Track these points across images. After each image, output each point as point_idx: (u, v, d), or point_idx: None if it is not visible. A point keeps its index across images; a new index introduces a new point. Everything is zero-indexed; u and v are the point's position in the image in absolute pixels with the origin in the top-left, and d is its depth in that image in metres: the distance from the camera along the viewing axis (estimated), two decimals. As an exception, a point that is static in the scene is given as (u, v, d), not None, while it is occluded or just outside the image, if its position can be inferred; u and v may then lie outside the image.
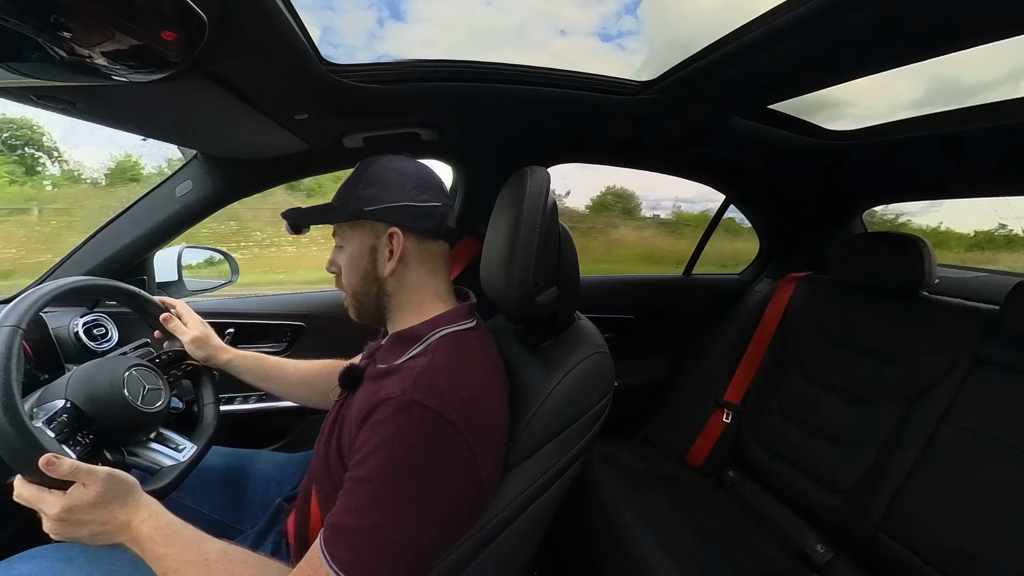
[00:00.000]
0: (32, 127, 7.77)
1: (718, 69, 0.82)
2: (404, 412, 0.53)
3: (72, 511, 0.53)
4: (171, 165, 1.22)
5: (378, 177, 0.67)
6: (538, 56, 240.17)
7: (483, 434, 0.58)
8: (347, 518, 0.51)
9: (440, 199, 0.69)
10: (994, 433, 0.91)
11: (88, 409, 0.66)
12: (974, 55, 0.69)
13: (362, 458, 0.54)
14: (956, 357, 1.02)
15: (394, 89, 0.87)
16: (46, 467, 0.52)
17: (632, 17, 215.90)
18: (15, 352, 0.56)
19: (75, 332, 0.97)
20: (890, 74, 0.76)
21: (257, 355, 0.94)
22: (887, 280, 1.20)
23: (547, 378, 0.69)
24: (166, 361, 0.87)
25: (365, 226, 0.67)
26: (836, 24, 0.63)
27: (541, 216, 0.64)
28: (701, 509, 1.22)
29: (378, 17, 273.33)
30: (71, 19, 0.41)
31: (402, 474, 0.51)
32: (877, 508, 1.00)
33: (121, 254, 1.07)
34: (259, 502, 0.87)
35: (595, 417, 0.71)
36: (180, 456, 0.75)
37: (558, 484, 0.69)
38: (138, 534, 0.54)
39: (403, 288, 0.69)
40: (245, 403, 1.25)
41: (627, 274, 1.80)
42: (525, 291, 0.65)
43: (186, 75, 0.56)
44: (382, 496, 0.51)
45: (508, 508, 0.64)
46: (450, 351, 0.62)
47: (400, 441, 0.52)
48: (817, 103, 1.01)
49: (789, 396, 1.32)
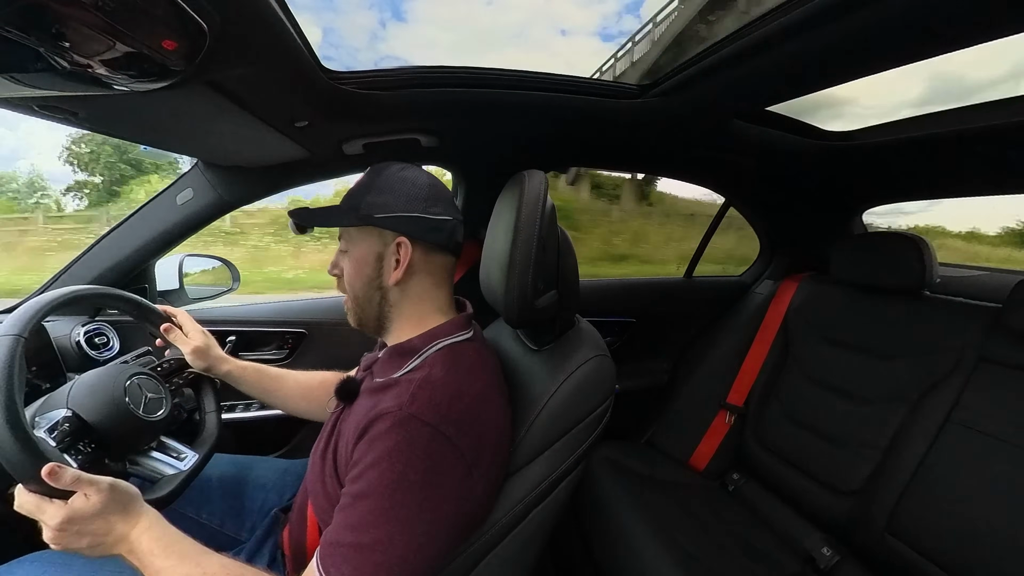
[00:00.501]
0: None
1: (716, 71, 0.82)
2: (402, 427, 0.53)
3: (72, 521, 0.52)
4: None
5: (390, 185, 0.67)
6: (539, 56, 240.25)
7: (480, 448, 0.58)
8: (344, 534, 0.51)
9: (451, 213, 0.69)
10: (1000, 431, 0.91)
11: (90, 418, 0.66)
12: (975, 56, 0.69)
13: (360, 473, 0.53)
14: (959, 356, 1.01)
15: (393, 96, 0.87)
16: (49, 477, 0.51)
17: (633, 17, 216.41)
18: (16, 361, 0.56)
19: (76, 341, 0.97)
20: (891, 75, 0.77)
21: (257, 367, 0.94)
22: (888, 280, 1.19)
23: (548, 382, 0.69)
24: (168, 370, 0.87)
25: (373, 233, 0.67)
26: (834, 25, 0.63)
27: (539, 219, 0.64)
28: (706, 513, 1.21)
29: (380, 18, 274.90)
30: (73, 30, 0.41)
31: (400, 490, 0.51)
32: (883, 510, 0.99)
33: (123, 263, 1.07)
34: (258, 511, 0.87)
35: (597, 420, 0.71)
36: (182, 465, 0.75)
37: (561, 488, 0.69)
38: (136, 546, 0.54)
39: (406, 298, 0.68)
40: (247, 411, 1.25)
41: (627, 277, 1.80)
42: (524, 295, 0.65)
43: (187, 84, 0.57)
44: (379, 512, 0.51)
45: (511, 513, 0.64)
46: (447, 364, 0.62)
47: (398, 456, 0.52)
48: (817, 103, 1.01)
49: (792, 398, 1.32)
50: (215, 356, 0.88)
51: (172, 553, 0.54)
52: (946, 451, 0.96)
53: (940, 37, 0.65)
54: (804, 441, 1.22)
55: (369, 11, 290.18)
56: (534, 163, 0.74)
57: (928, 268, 1.12)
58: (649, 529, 1.07)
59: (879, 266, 1.21)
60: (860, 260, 1.27)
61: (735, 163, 1.34)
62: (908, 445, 1.01)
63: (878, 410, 1.11)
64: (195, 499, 0.84)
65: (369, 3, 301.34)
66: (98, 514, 0.53)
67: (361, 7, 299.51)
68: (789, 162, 1.33)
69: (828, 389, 1.23)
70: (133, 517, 0.56)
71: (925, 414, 1.02)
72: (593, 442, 0.72)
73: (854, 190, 1.49)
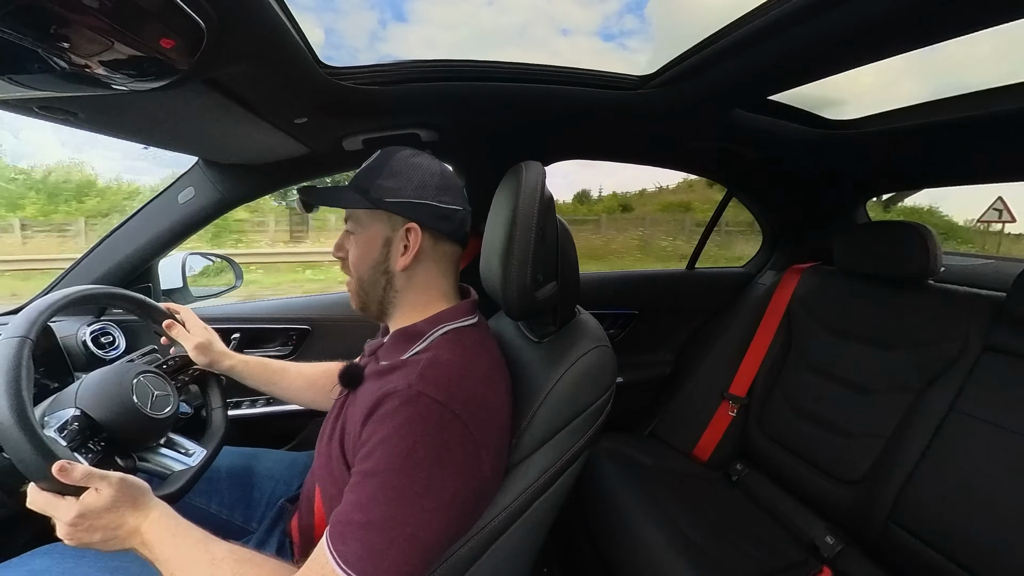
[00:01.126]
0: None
1: (717, 61, 0.81)
2: (411, 404, 0.54)
3: (85, 517, 0.53)
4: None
5: (401, 170, 0.66)
6: (540, 56, 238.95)
7: (487, 427, 0.58)
8: (353, 513, 0.52)
9: (460, 203, 0.69)
10: (1004, 420, 0.91)
11: (98, 417, 0.67)
12: (976, 52, 0.68)
13: (369, 451, 0.54)
14: (963, 345, 1.01)
15: (392, 90, 0.87)
16: (59, 473, 0.52)
17: (633, 16, 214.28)
18: (25, 362, 0.57)
19: (83, 340, 0.98)
20: (894, 72, 0.76)
21: (261, 360, 0.94)
22: (892, 269, 1.19)
23: (550, 373, 0.69)
24: (174, 367, 0.87)
25: (383, 216, 0.66)
26: (835, 12, 0.63)
27: (537, 210, 0.65)
28: (709, 503, 1.22)
29: (380, 18, 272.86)
30: (71, 30, 0.41)
31: (409, 466, 0.51)
32: (887, 498, 1.00)
33: (126, 262, 1.08)
34: (266, 501, 0.88)
35: (599, 411, 0.72)
36: (190, 461, 0.76)
37: (563, 479, 0.69)
38: (148, 537, 0.55)
39: (412, 285, 0.69)
40: (253, 407, 1.26)
41: (629, 270, 1.80)
42: (524, 286, 0.65)
43: (186, 82, 0.56)
44: (389, 488, 0.51)
45: (514, 503, 0.64)
46: (453, 347, 0.62)
47: (407, 433, 0.52)
48: (820, 91, 1.00)
49: (795, 388, 1.32)
50: (218, 351, 0.89)
51: (181, 541, 0.55)
52: (950, 440, 0.96)
53: (941, 23, 0.64)
54: (807, 431, 1.23)
55: (370, 11, 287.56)
56: (534, 155, 0.74)
57: (932, 257, 1.12)
58: (653, 520, 1.08)
59: (883, 255, 1.21)
60: (863, 249, 1.26)
61: (737, 153, 1.33)
62: (911, 434, 1.01)
63: (882, 399, 1.11)
64: (204, 490, 0.85)
65: (371, 3, 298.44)
66: (109, 508, 0.54)
67: (362, 7, 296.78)
68: (791, 152, 1.32)
69: (831, 379, 1.23)
70: (144, 510, 0.57)
71: (928, 403, 1.02)
72: (595, 433, 0.72)
73: (857, 179, 1.48)
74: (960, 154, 1.17)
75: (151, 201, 1.09)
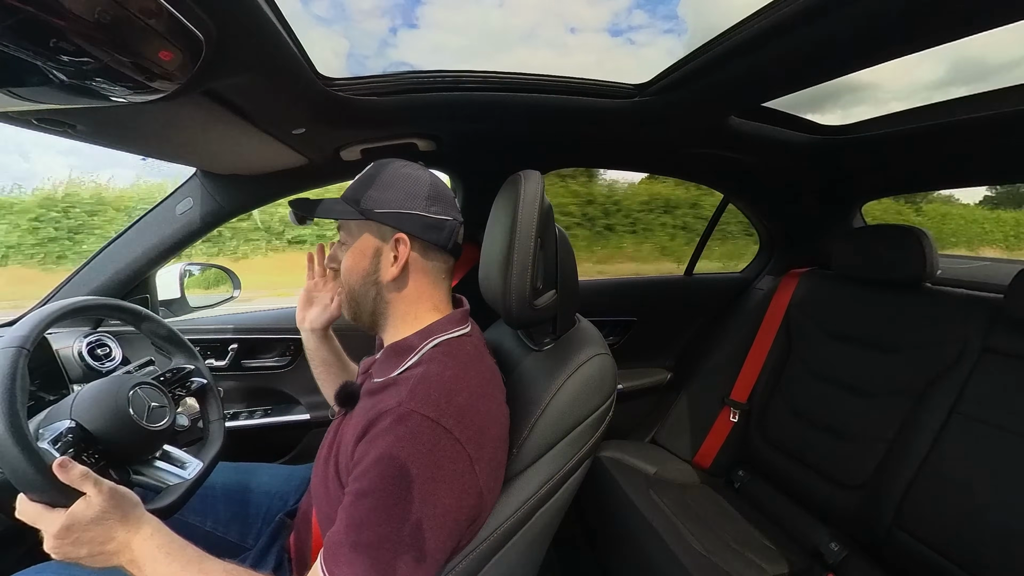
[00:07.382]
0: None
1: (712, 69, 0.82)
2: (402, 423, 0.53)
3: (71, 529, 0.52)
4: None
5: (391, 181, 0.67)
6: (547, 55, 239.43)
7: (481, 441, 0.58)
8: (347, 533, 0.51)
9: (451, 214, 0.69)
10: (1005, 422, 0.90)
11: (93, 428, 0.66)
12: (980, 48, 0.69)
13: (362, 471, 0.53)
14: (962, 347, 1.01)
15: (390, 101, 0.88)
16: (59, 470, 0.53)
17: (644, 12, 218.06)
18: (19, 373, 0.56)
19: (79, 352, 0.97)
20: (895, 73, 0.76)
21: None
22: (890, 272, 1.19)
23: (550, 382, 0.69)
24: (171, 379, 0.86)
25: (373, 227, 0.67)
26: (831, 18, 0.63)
27: (536, 219, 0.65)
28: (712, 510, 1.21)
29: (391, 25, 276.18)
30: (70, 42, 0.41)
31: (402, 484, 0.51)
32: (890, 503, 0.99)
33: (123, 273, 1.07)
34: (263, 517, 0.87)
35: (599, 420, 0.71)
36: (185, 474, 0.75)
37: (565, 489, 0.69)
38: (138, 555, 0.54)
39: (402, 296, 0.68)
40: (250, 418, 1.25)
41: (627, 276, 1.80)
42: (523, 295, 0.65)
43: (184, 94, 0.57)
44: (382, 508, 0.51)
45: (515, 515, 0.64)
46: (444, 359, 0.62)
47: (399, 451, 0.52)
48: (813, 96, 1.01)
49: (796, 393, 1.31)
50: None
51: (174, 560, 0.54)
52: (951, 443, 0.96)
53: (934, 28, 0.65)
54: (809, 436, 1.22)
55: (381, 19, 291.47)
56: (532, 165, 0.74)
57: (929, 260, 1.12)
58: (656, 528, 1.07)
59: (880, 259, 1.21)
60: (861, 254, 1.26)
61: (733, 160, 1.34)
62: (913, 438, 1.01)
63: (882, 403, 1.10)
64: (199, 507, 0.84)
65: (381, 11, 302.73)
66: (97, 521, 0.53)
67: (372, 15, 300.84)
68: (787, 157, 1.33)
69: (832, 383, 1.23)
70: (134, 524, 0.56)
71: (929, 406, 1.01)
72: (596, 441, 0.72)
73: (853, 183, 1.49)
74: (954, 157, 1.18)
75: (149, 212, 1.09)
